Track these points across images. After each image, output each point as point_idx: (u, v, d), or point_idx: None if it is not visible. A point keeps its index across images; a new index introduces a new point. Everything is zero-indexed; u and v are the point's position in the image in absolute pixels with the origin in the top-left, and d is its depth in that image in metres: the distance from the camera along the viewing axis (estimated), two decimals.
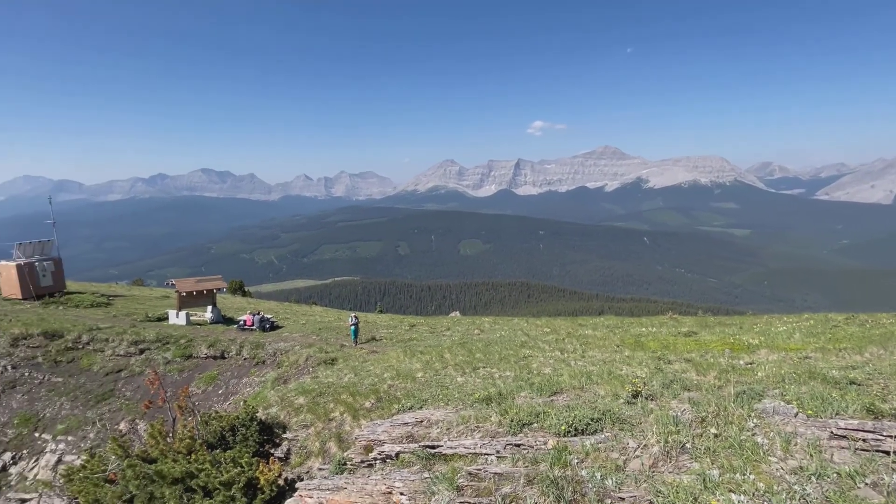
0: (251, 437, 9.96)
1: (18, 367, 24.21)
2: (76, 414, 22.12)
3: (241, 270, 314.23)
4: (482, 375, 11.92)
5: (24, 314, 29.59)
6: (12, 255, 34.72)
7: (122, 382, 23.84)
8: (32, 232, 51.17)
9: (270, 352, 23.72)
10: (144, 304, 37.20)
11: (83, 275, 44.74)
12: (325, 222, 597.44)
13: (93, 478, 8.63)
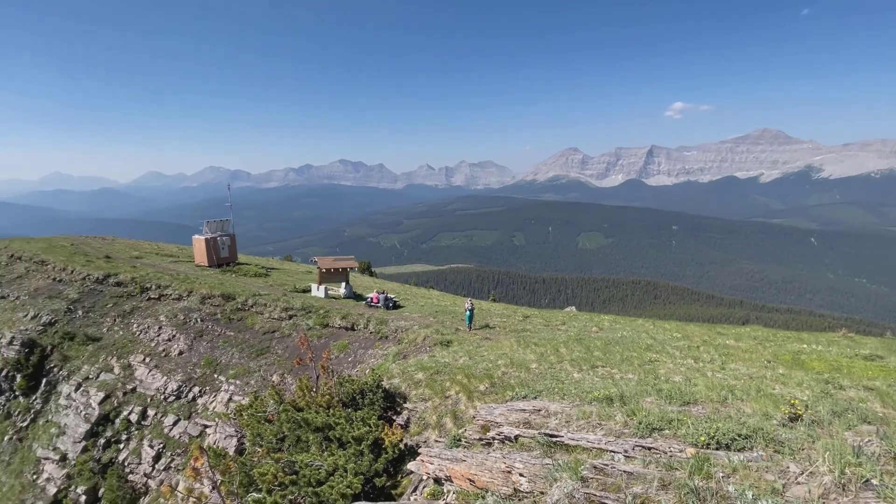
0: (377, 402, 11.05)
1: (205, 321, 30.14)
2: (242, 363, 26.81)
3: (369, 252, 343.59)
4: (601, 375, 11.34)
5: (208, 278, 36.59)
6: (202, 231, 43.08)
7: (275, 342, 28.13)
8: (215, 212, 62.11)
9: (393, 328, 25.67)
10: (293, 276, 43.11)
11: (247, 249, 54.66)
12: (443, 210, 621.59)
13: (256, 416, 10.51)
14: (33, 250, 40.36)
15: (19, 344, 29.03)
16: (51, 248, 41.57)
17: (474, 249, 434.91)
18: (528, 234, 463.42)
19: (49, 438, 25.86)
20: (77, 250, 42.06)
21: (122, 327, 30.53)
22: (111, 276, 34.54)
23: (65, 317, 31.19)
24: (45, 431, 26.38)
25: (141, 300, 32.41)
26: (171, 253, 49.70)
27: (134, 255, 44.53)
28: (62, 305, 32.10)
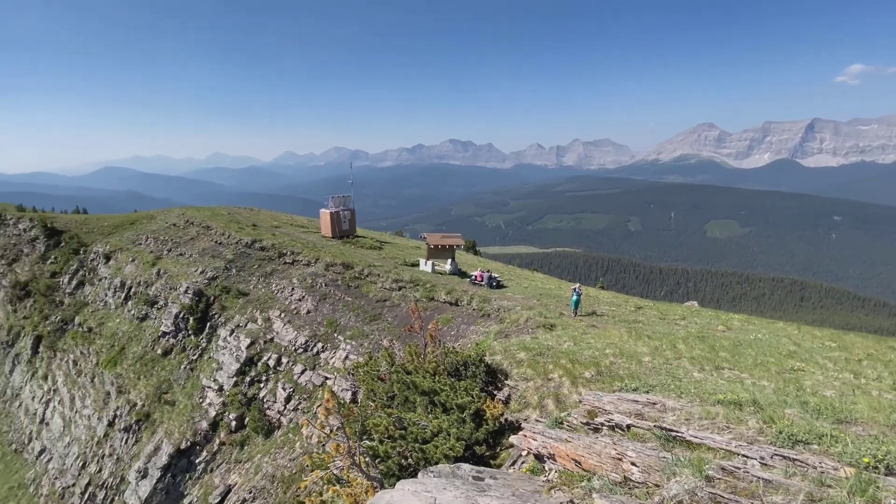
0: (479, 375, 11.41)
1: (328, 286, 33.67)
2: (358, 326, 29.51)
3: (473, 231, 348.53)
4: (727, 377, 10.16)
5: (331, 248, 40.60)
6: (327, 205, 47.72)
7: (386, 310, 30.37)
8: (338, 189, 67.98)
9: (495, 307, 25.92)
10: (403, 251, 45.74)
11: (364, 224, 60.23)
12: (552, 191, 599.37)
13: (371, 374, 11.61)
14: (201, 217, 48.72)
15: (192, 293, 35.63)
16: (214, 216, 49.76)
17: (583, 233, 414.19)
18: (645, 219, 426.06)
19: (210, 372, 31.58)
20: (232, 219, 49.72)
21: (264, 286, 35.60)
22: (257, 242, 40.27)
23: (223, 273, 37.36)
24: (208, 365, 32.25)
25: (278, 264, 37.35)
26: (303, 224, 56.10)
27: (274, 224, 51.23)
28: (221, 264, 38.45)
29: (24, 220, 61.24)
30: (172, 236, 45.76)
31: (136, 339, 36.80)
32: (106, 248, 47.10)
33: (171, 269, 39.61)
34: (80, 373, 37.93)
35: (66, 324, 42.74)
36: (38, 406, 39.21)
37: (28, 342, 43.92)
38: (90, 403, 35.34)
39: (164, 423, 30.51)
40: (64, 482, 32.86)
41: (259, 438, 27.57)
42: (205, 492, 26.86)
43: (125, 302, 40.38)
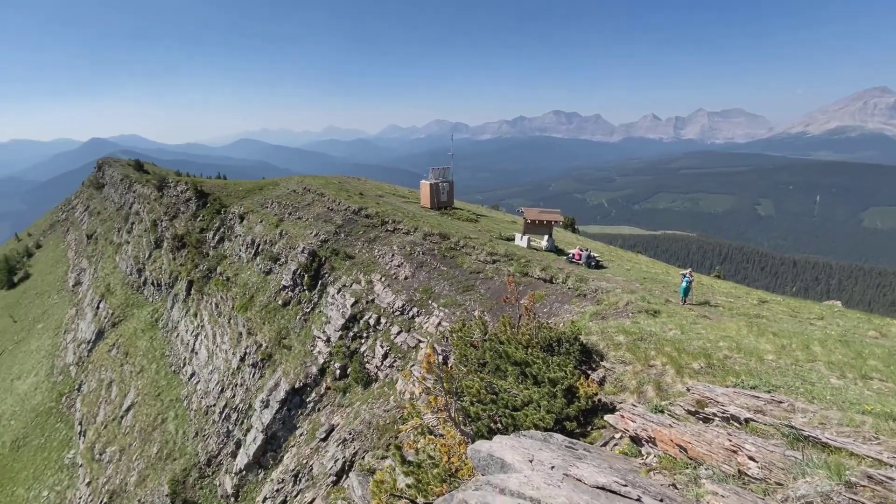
0: (574, 353, 11.17)
1: (425, 254, 35.06)
2: (451, 295, 30.48)
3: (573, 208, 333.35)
4: (877, 389, 8.61)
5: (430, 219, 41.95)
6: (427, 177, 49.09)
7: (479, 282, 30.83)
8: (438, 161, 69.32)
9: (592, 288, 24.84)
10: (498, 224, 45.60)
11: (461, 196, 60.96)
12: (665, 168, 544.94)
13: (464, 339, 12.04)
14: (316, 185, 53.44)
15: (307, 253, 39.67)
16: (327, 185, 54.26)
17: (699, 215, 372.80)
18: (779, 203, 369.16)
19: (320, 324, 35.23)
20: (342, 187, 53.77)
21: (368, 251, 38.26)
22: (363, 210, 43.16)
23: (333, 237, 40.89)
24: (318, 318, 35.99)
25: (381, 231, 39.74)
26: (404, 195, 58.65)
27: (378, 194, 54.33)
28: (332, 228, 42.05)
29: (181, 184, 72.91)
30: (292, 201, 51.01)
31: (262, 289, 42.29)
32: (240, 210, 54.20)
33: (291, 231, 44.37)
34: (220, 314, 44.93)
35: (211, 272, 50.61)
36: (190, 338, 47.49)
37: (183, 285, 52.98)
38: (227, 340, 41.85)
39: (282, 363, 35.04)
40: (207, 402, 39.78)
41: (359, 388, 30.37)
42: (313, 427, 30.56)
43: (254, 257, 46.40)
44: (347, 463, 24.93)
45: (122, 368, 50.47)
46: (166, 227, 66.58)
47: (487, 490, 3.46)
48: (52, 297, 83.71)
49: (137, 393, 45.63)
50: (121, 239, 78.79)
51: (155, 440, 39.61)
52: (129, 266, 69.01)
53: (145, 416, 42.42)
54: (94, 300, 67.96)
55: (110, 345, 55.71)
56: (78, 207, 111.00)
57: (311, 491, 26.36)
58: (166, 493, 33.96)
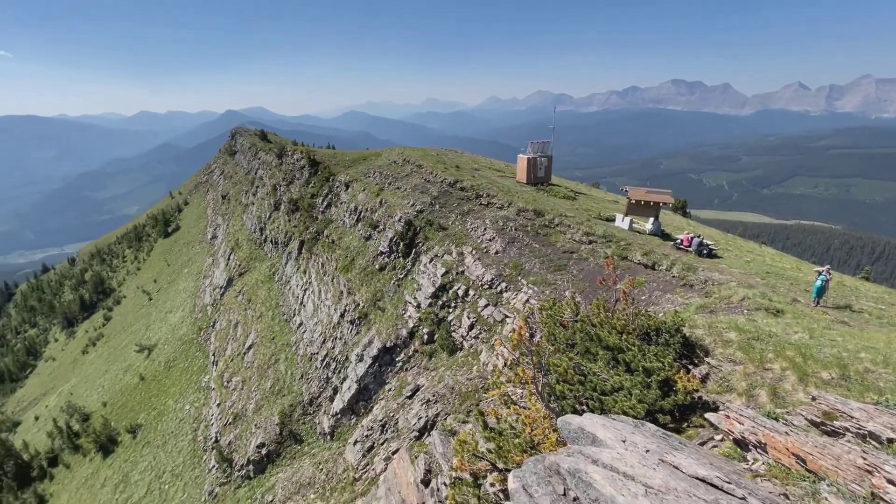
0: (674, 344, 10.39)
1: (517, 230, 34.65)
2: (541, 273, 29.92)
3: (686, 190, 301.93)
4: None
5: (525, 194, 41.09)
6: (525, 150, 47.81)
7: (572, 262, 29.77)
8: (538, 134, 66.91)
9: (702, 278, 22.61)
10: (598, 203, 43.14)
11: (559, 172, 57.98)
12: (808, 146, 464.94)
13: (554, 318, 11.85)
14: (415, 157, 55.07)
15: (403, 222, 41.52)
16: (424, 156, 55.65)
17: (848, 204, 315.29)
18: None
19: (412, 290, 37.03)
20: (439, 160, 54.74)
21: (461, 223, 38.87)
22: (458, 182, 43.67)
23: (428, 208, 42.15)
24: (410, 285, 37.82)
25: (475, 204, 39.98)
26: (500, 168, 57.99)
27: (474, 167, 54.40)
28: (428, 199, 43.31)
29: (297, 153, 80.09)
30: (392, 172, 53.34)
31: (362, 253, 45.44)
32: (346, 179, 58.15)
33: (390, 200, 46.63)
34: (325, 273, 49.45)
35: (319, 234, 55.56)
36: (300, 292, 53.15)
37: (295, 245, 59.00)
38: (330, 297, 46.07)
39: (376, 323, 37.73)
40: (311, 350, 44.59)
41: (444, 354, 31.66)
42: (400, 385, 32.75)
43: (356, 223, 49.81)
44: (430, 422, 26.45)
45: (245, 312, 58.43)
46: (284, 191, 74.14)
47: (580, 458, 3.47)
48: (195, 247, 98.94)
49: (257, 335, 52.63)
50: (247, 200, 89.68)
51: (269, 377, 45.62)
52: (254, 224, 78.55)
53: (262, 356, 48.92)
54: (226, 252, 78.96)
55: (237, 291, 64.61)
56: (215, 171, 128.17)
57: (396, 442, 28.56)
58: (276, 422, 39.20)
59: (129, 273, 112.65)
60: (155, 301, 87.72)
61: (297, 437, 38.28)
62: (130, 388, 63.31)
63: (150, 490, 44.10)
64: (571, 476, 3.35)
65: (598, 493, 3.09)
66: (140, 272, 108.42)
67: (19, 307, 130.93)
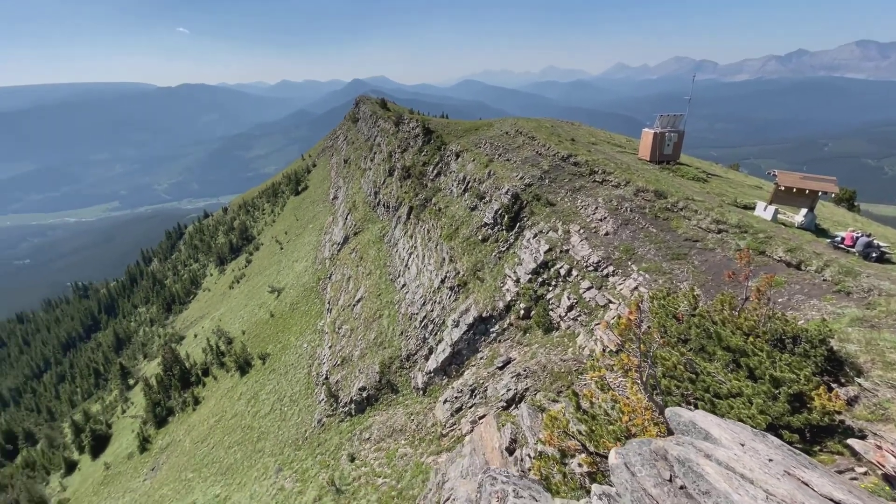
0: (815, 356, 8.87)
1: (633, 211, 32.09)
2: (656, 261, 27.54)
3: (858, 179, 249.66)
4: None
5: (646, 173, 37.62)
6: (652, 124, 43.36)
7: (694, 251, 26.83)
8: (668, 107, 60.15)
9: (864, 286, 18.80)
10: (736, 188, 37.82)
11: (690, 150, 50.97)
12: None
13: (667, 309, 10.92)
14: (528, 128, 53.42)
15: (510, 195, 41.05)
16: (538, 128, 53.68)
17: None
18: None
19: (512, 264, 36.87)
20: (553, 132, 52.39)
21: (570, 200, 37.18)
22: (571, 157, 41.53)
23: (537, 182, 40.98)
24: (511, 258, 37.65)
25: (588, 181, 37.80)
26: (620, 143, 53.64)
27: (590, 141, 51.09)
28: (537, 173, 42.06)
29: (412, 121, 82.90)
30: (503, 143, 52.58)
31: (466, 223, 46.21)
32: (456, 148, 58.88)
33: (498, 172, 46.27)
34: (430, 239, 51.51)
35: (427, 202, 57.67)
36: (405, 255, 56.29)
37: (405, 210, 62.09)
38: (432, 263, 48.05)
39: (474, 292, 38.55)
40: (412, 310, 47.39)
41: (539, 332, 31.33)
42: (492, 355, 33.38)
43: (463, 193, 50.55)
44: (518, 395, 26.70)
45: (357, 269, 63.86)
46: (398, 158, 77.85)
47: (691, 449, 3.26)
48: (319, 205, 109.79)
49: (365, 290, 57.40)
50: (366, 165, 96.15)
51: (373, 329, 49.78)
52: (369, 188, 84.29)
53: (368, 309, 53.38)
54: (344, 212, 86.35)
55: (351, 249, 70.69)
56: (340, 137, 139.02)
57: (483, 408, 29.46)
58: (377, 370, 42.93)
59: (267, 224, 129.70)
60: (285, 250, 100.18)
61: (393, 386, 41.58)
62: (263, 322, 74.12)
63: (273, 409, 51.95)
64: (681, 464, 3.16)
65: (710, 486, 2.86)
66: (275, 224, 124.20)
67: (187, 245, 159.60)
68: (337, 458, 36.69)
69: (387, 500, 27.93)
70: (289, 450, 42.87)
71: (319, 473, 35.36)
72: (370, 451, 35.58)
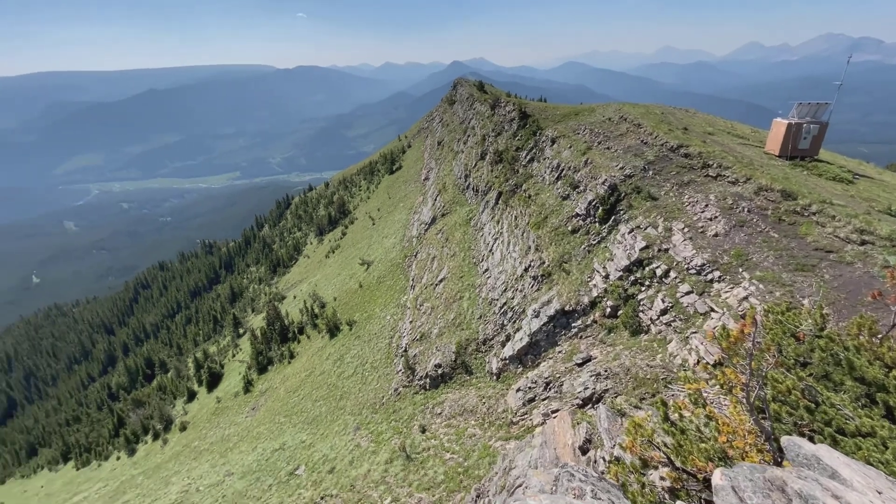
0: None
1: (751, 212, 28.50)
2: (774, 270, 24.30)
3: None
4: None
5: (772, 169, 33.03)
6: (787, 114, 37.69)
7: (825, 263, 23.19)
8: (807, 94, 51.96)
9: None
10: (891, 194, 31.71)
11: (832, 146, 42.58)
12: None
13: (785, 326, 9.59)
14: (635, 114, 49.57)
15: (607, 186, 38.74)
16: (646, 115, 49.55)
17: None
18: None
19: (603, 259, 35.03)
20: (663, 119, 48.01)
21: (676, 195, 34.06)
22: (682, 147, 37.81)
23: (639, 173, 38.10)
24: (602, 253, 35.76)
25: (699, 175, 34.23)
26: (742, 134, 47.59)
27: (707, 131, 45.99)
28: (640, 164, 39.06)
29: (509, 105, 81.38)
30: (604, 130, 49.51)
31: (556, 212, 44.70)
32: (553, 134, 56.75)
33: (596, 161, 43.81)
34: (516, 226, 50.78)
35: (517, 188, 56.71)
36: (490, 240, 56.21)
37: (493, 195, 61.73)
38: (517, 250, 47.42)
39: (558, 284, 37.43)
40: (492, 295, 47.45)
41: (625, 333, 29.58)
42: (571, 350, 32.33)
43: (556, 181, 48.81)
44: (596, 395, 25.64)
45: (442, 249, 65.33)
46: (491, 142, 77.25)
47: (815, 486, 2.87)
48: (411, 185, 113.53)
49: (448, 271, 58.61)
50: (458, 148, 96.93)
51: (453, 310, 50.86)
52: (460, 171, 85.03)
53: (450, 290, 54.53)
54: (434, 193, 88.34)
55: (438, 229, 72.34)
56: (436, 119, 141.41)
57: (557, 402, 28.81)
58: (453, 350, 43.97)
59: (362, 200, 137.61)
60: (376, 226, 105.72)
61: (467, 367, 42.34)
62: (352, 291, 79.51)
63: (355, 372, 55.94)
64: (802, 500, 2.80)
65: None
66: (369, 200, 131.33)
67: (293, 214, 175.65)
68: (409, 426, 38.59)
69: (453, 475, 28.85)
70: (367, 411, 46.02)
71: (392, 438, 37.54)
72: (440, 425, 36.83)
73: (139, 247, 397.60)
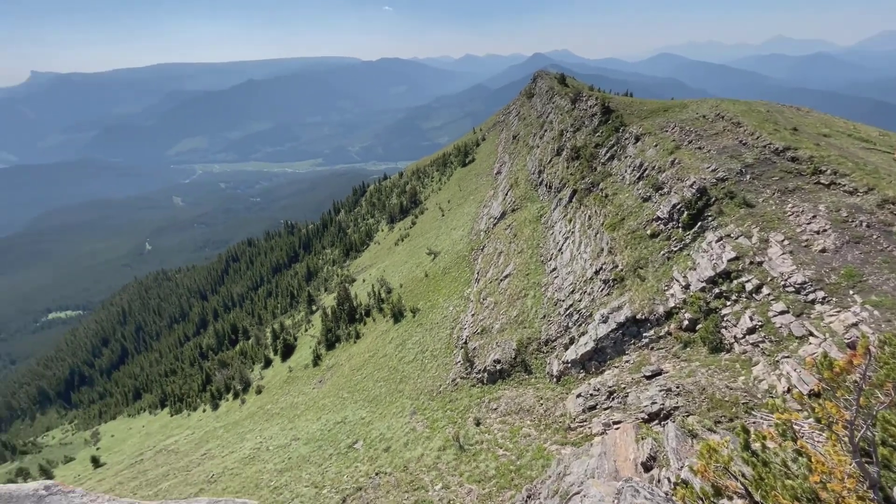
0: None
1: (871, 227, 24.87)
2: (894, 295, 21.08)
3: None
4: None
5: None
6: None
7: None
8: None
9: None
10: None
11: None
12: None
13: None
14: (734, 112, 45.14)
15: (695, 189, 35.82)
16: (748, 112, 44.91)
17: None
18: None
19: (684, 267, 32.56)
20: (769, 118, 43.22)
21: (777, 203, 30.63)
22: (789, 150, 33.85)
23: (734, 177, 34.74)
24: (684, 261, 33.24)
25: (807, 182, 30.47)
26: (867, 137, 41.47)
27: (822, 132, 40.70)
28: (736, 167, 35.59)
29: (591, 99, 77.81)
30: (697, 128, 45.68)
31: (635, 214, 42.22)
32: (637, 131, 53.43)
33: (685, 161, 40.62)
34: (590, 226, 48.73)
35: (594, 186, 54.31)
36: (560, 239, 54.53)
37: (567, 192, 59.65)
38: (588, 251, 45.55)
39: (630, 290, 35.45)
40: (559, 295, 46.11)
41: (703, 349, 27.36)
42: (641, 361, 30.56)
43: (637, 181, 46.03)
44: (665, 412, 24.06)
45: (509, 245, 64.58)
46: (569, 137, 74.57)
47: None
48: (482, 178, 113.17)
49: (514, 267, 57.87)
50: (533, 143, 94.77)
51: (516, 307, 50.22)
52: (534, 166, 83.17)
53: (514, 287, 53.86)
54: (505, 188, 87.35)
55: (507, 225, 71.54)
56: (512, 112, 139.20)
57: (620, 413, 27.44)
58: (513, 347, 43.50)
59: (433, 191, 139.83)
60: (445, 217, 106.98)
61: (527, 366, 41.70)
62: (418, 279, 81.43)
63: (416, 358, 57.43)
64: None
65: None
66: (440, 192, 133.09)
67: (367, 201, 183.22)
68: (464, 418, 38.93)
69: (504, 472, 28.70)
70: (424, 398, 47.13)
71: (447, 427, 38.13)
72: (495, 421, 36.74)
73: (232, 223, 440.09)
